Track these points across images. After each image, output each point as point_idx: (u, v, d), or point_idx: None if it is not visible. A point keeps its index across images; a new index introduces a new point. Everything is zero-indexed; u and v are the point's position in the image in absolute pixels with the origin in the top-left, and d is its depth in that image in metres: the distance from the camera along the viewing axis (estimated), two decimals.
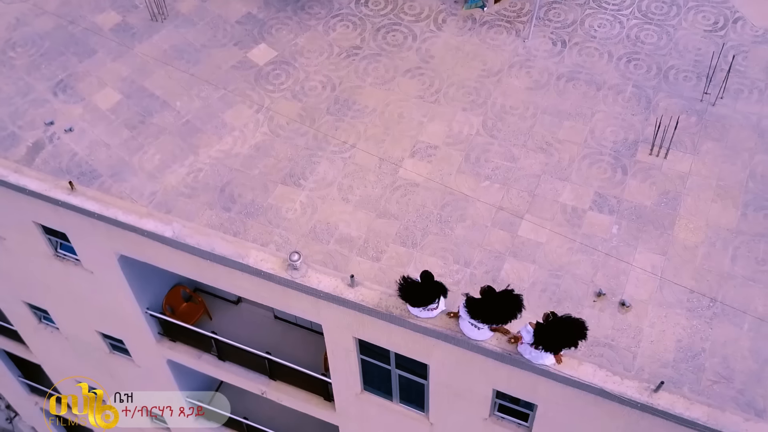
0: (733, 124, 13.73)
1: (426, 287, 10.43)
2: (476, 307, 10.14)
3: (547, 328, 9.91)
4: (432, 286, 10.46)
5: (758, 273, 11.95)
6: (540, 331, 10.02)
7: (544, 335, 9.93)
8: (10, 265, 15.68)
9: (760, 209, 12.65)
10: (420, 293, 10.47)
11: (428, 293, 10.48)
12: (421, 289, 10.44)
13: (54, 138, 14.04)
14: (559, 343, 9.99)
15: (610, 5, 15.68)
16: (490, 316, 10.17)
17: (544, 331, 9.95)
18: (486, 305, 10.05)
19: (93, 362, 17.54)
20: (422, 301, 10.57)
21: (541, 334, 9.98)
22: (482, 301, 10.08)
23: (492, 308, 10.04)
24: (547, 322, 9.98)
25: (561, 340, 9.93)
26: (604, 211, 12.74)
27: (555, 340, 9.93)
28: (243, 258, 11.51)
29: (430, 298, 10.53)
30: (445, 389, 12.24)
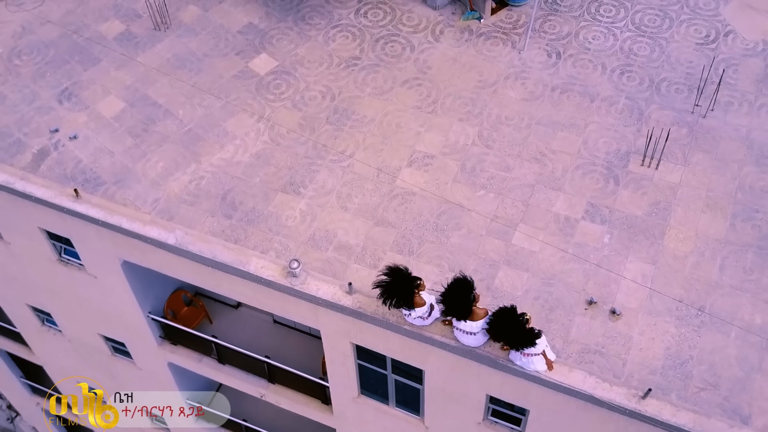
0: (723, 136, 14.06)
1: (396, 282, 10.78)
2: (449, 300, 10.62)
3: (500, 319, 10.35)
4: (400, 279, 10.80)
5: (745, 282, 12.28)
6: (493, 320, 10.44)
7: (495, 324, 10.38)
8: (14, 269, 15.98)
9: (748, 220, 12.98)
10: (394, 288, 10.80)
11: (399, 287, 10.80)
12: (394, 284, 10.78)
13: (59, 145, 14.35)
14: (501, 335, 10.45)
15: (605, 18, 16.01)
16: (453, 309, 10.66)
17: (496, 320, 10.38)
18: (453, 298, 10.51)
19: (95, 364, 17.83)
20: (401, 296, 10.92)
21: (493, 323, 10.41)
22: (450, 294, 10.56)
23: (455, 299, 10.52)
24: (506, 315, 10.38)
25: (505, 333, 10.36)
26: (596, 221, 13.07)
27: (499, 331, 10.36)
28: (244, 265, 11.82)
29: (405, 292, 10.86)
30: (440, 394, 12.55)
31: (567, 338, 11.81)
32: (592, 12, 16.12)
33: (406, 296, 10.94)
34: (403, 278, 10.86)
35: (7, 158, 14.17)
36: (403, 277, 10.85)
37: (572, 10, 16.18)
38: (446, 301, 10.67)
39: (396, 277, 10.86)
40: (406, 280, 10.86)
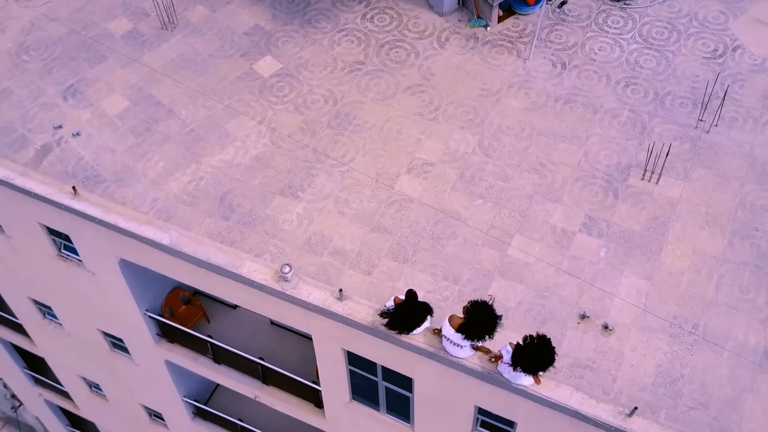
0: (725, 152, 13.94)
1: (412, 311, 10.74)
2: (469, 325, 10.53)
3: (525, 349, 10.19)
4: (417, 308, 10.77)
5: (741, 301, 12.17)
6: (518, 352, 10.30)
7: (522, 356, 10.21)
8: (16, 263, 16.12)
9: (747, 238, 12.86)
10: (407, 318, 10.78)
11: (415, 317, 10.79)
12: (408, 314, 10.74)
13: (62, 142, 14.46)
14: (536, 366, 10.27)
15: (612, 29, 15.91)
16: (471, 331, 10.52)
17: (522, 352, 10.23)
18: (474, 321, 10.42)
19: (94, 359, 17.96)
20: (410, 326, 10.90)
21: (519, 355, 10.26)
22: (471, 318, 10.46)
23: (474, 323, 10.40)
24: (525, 344, 10.24)
25: (537, 363, 10.22)
26: (593, 234, 13.00)
27: (532, 362, 10.21)
28: (237, 268, 11.86)
29: (417, 321, 10.85)
30: (430, 403, 12.54)
31: (558, 352, 11.59)
32: (600, 23, 16.03)
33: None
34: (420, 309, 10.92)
35: (10, 153, 14.29)
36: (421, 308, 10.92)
37: (580, 20, 16.09)
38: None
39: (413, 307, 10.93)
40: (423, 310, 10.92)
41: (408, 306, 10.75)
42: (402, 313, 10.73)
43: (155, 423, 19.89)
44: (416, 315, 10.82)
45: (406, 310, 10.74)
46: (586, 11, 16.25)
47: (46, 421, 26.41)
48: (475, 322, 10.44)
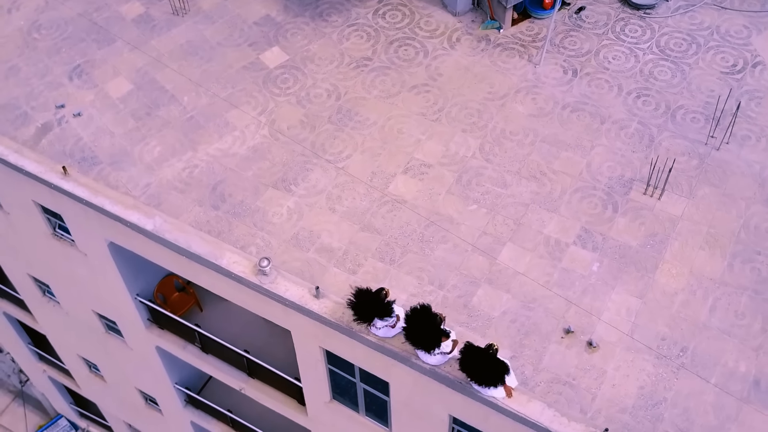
0: (734, 171, 13.44)
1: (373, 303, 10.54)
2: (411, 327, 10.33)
3: (468, 357, 9.98)
4: (379, 302, 10.55)
5: (735, 327, 11.70)
6: (463, 359, 10.09)
7: (467, 364, 10.02)
8: (15, 240, 16.22)
9: (748, 262, 12.37)
10: (367, 308, 10.58)
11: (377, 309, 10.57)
12: (370, 305, 10.55)
13: (62, 121, 14.47)
14: (481, 376, 10.05)
15: (629, 38, 15.45)
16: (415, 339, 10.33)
17: (467, 359, 10.02)
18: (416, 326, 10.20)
19: (91, 339, 18.01)
20: (370, 317, 10.68)
21: (464, 362, 10.06)
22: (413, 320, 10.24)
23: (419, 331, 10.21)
24: (467, 352, 10.03)
25: (481, 372, 10.00)
26: (587, 247, 12.61)
27: (476, 371, 10.01)
28: (217, 258, 11.73)
29: (378, 313, 10.62)
30: (406, 408, 12.28)
31: (538, 366, 11.41)
32: (617, 31, 15.59)
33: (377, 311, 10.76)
34: (368, 297, 10.68)
35: (12, 130, 14.34)
36: (368, 296, 10.68)
37: (596, 27, 15.67)
38: (409, 333, 10.42)
39: (362, 299, 10.71)
40: (372, 297, 10.67)
41: (369, 298, 10.57)
42: (364, 304, 10.54)
43: (151, 408, 19.90)
44: (379, 308, 10.58)
45: (365, 302, 10.54)
46: (604, 18, 15.82)
47: (51, 398, 26.67)
48: (414, 327, 10.24)
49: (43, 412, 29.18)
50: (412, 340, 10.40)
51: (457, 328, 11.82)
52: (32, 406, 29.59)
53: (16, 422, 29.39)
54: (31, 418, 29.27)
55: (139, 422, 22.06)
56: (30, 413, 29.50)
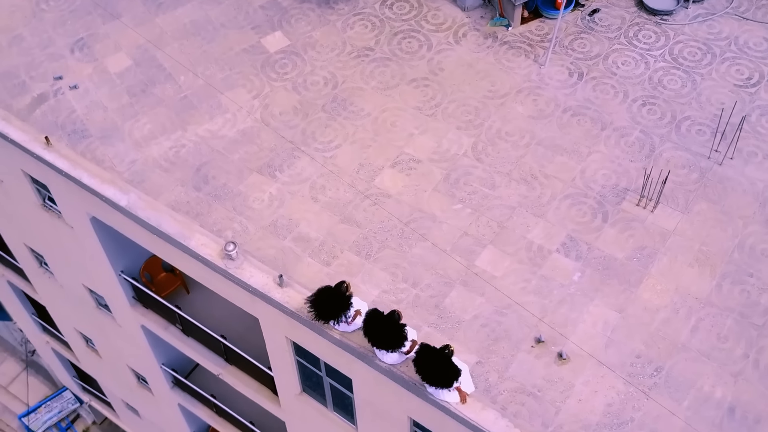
0: (735, 188, 12.84)
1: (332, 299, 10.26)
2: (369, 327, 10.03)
3: (421, 358, 9.65)
4: (338, 299, 10.27)
5: (715, 350, 11.15)
6: (420, 353, 9.76)
7: (419, 364, 9.69)
8: (9, 208, 16.30)
9: (738, 283, 11.79)
10: (326, 306, 10.31)
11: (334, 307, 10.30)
12: (328, 302, 10.28)
13: (58, 93, 14.46)
14: (431, 378, 9.71)
15: (642, 43, 14.89)
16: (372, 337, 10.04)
17: (420, 359, 9.69)
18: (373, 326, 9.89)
19: (85, 313, 18.04)
20: (327, 315, 10.41)
21: (420, 357, 9.73)
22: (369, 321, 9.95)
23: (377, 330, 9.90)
24: (421, 353, 9.70)
25: (431, 374, 9.66)
26: (570, 256, 12.15)
27: (426, 372, 9.67)
28: (185, 239, 11.56)
29: (335, 312, 10.34)
30: (369, 407, 11.97)
31: (504, 374, 11.01)
32: (630, 36, 15.04)
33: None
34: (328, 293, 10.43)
35: (8, 98, 14.37)
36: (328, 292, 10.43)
37: (609, 30, 15.14)
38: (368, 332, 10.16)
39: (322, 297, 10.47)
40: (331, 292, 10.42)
41: (330, 294, 10.29)
42: (324, 299, 10.27)
43: (142, 387, 19.91)
44: (336, 305, 10.29)
45: (326, 298, 10.28)
46: (618, 22, 15.28)
47: (56, 370, 26.93)
48: (373, 327, 10.05)
49: (51, 383, 29.52)
50: (372, 339, 10.10)
51: (425, 329, 11.49)
52: (42, 377, 29.95)
53: (23, 390, 29.77)
54: (40, 388, 29.63)
55: (133, 400, 22.10)
56: (40, 383, 29.86)
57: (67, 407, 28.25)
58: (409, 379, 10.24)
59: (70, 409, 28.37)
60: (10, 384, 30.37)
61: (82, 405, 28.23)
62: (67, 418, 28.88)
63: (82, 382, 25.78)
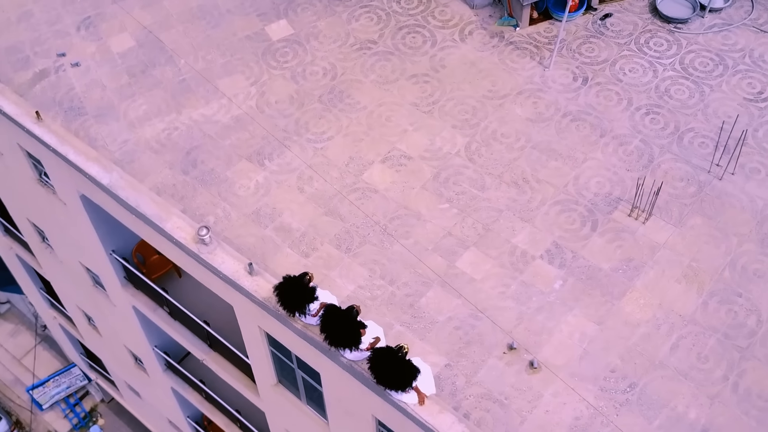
0: (734, 204, 12.39)
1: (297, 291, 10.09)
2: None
3: (376, 357, 9.45)
4: (303, 290, 10.11)
5: (694, 370, 10.75)
6: (375, 352, 9.56)
7: (374, 364, 9.48)
8: (10, 182, 16.45)
9: (726, 302, 11.36)
10: (292, 296, 10.15)
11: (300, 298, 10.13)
12: (295, 293, 10.11)
13: (60, 69, 14.53)
14: (386, 378, 9.49)
15: (652, 51, 14.47)
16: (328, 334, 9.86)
17: (375, 358, 9.48)
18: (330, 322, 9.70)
19: (83, 291, 18.15)
20: (293, 307, 10.24)
21: (375, 356, 9.53)
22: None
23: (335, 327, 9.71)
24: (377, 352, 9.51)
25: (388, 375, 9.43)
26: (554, 263, 11.83)
27: (381, 372, 9.45)
28: (162, 221, 11.49)
29: (300, 304, 10.17)
30: (337, 403, 11.79)
31: (472, 379, 10.75)
32: (641, 43, 14.62)
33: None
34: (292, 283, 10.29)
35: (10, 72, 14.48)
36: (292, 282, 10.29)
37: (619, 36, 14.74)
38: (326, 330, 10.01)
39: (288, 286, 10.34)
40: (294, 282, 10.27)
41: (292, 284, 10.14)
42: (286, 289, 10.13)
43: (139, 368, 19.98)
44: (298, 296, 10.13)
45: (288, 288, 10.13)
46: (630, 28, 14.87)
47: (64, 346, 27.22)
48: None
49: (63, 359, 29.84)
50: (327, 336, 9.93)
51: (397, 327, 11.28)
52: (56, 352, 30.29)
53: (38, 365, 30.17)
54: (52, 363, 29.96)
55: (132, 381, 22.22)
56: (52, 358, 30.18)
57: (75, 383, 28.51)
58: (369, 377, 10.04)
59: (78, 385, 28.64)
60: (24, 357, 30.82)
61: (90, 383, 28.49)
62: (75, 394, 29.15)
63: (88, 360, 25.98)
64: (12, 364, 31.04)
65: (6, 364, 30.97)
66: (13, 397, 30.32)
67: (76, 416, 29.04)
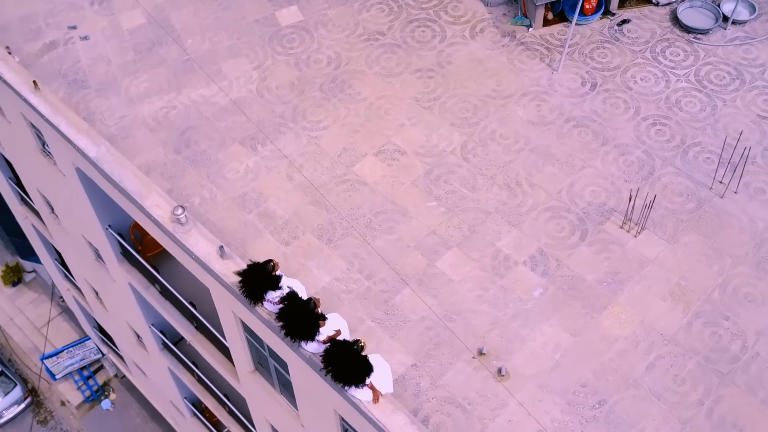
0: (732, 224, 11.89)
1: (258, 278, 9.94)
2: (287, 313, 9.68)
3: (332, 351, 9.23)
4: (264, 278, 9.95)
5: (668, 392, 10.33)
6: (332, 347, 9.34)
7: (329, 358, 9.26)
8: (19, 152, 16.62)
9: (711, 325, 10.89)
10: (253, 284, 10.01)
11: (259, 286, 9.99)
12: (255, 280, 9.97)
13: (69, 42, 14.62)
14: (339, 374, 9.27)
15: (666, 60, 13.98)
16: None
17: (333, 348, 9.27)
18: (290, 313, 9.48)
19: (88, 264, 18.27)
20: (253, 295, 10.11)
21: (330, 350, 9.31)
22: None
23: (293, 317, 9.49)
24: (332, 346, 9.29)
25: (341, 367, 9.22)
26: (536, 270, 11.49)
27: (335, 367, 9.23)
28: (141, 198, 11.44)
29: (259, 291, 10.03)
30: (304, 395, 11.61)
31: (437, 381, 10.49)
32: (657, 51, 14.13)
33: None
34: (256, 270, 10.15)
35: (21, 41, 14.63)
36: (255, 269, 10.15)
37: (635, 43, 14.27)
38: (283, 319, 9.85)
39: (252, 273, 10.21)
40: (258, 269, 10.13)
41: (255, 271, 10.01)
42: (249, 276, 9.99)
43: (140, 345, 20.07)
44: (259, 284, 9.98)
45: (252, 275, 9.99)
46: (647, 35, 14.39)
47: (78, 318, 27.52)
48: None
49: (81, 331, 30.23)
50: (285, 327, 9.77)
51: (368, 323, 11.08)
52: (75, 324, 30.69)
53: (57, 336, 30.63)
54: (70, 334, 30.37)
55: (136, 358, 22.35)
56: (71, 330, 30.59)
57: (89, 356, 28.80)
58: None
59: (92, 358, 28.92)
60: (44, 326, 31.33)
61: (104, 357, 28.78)
62: (89, 367, 29.48)
63: (101, 334, 26.22)
64: (32, 333, 31.57)
65: (27, 332, 31.53)
66: (30, 365, 30.82)
67: (89, 389, 29.36)
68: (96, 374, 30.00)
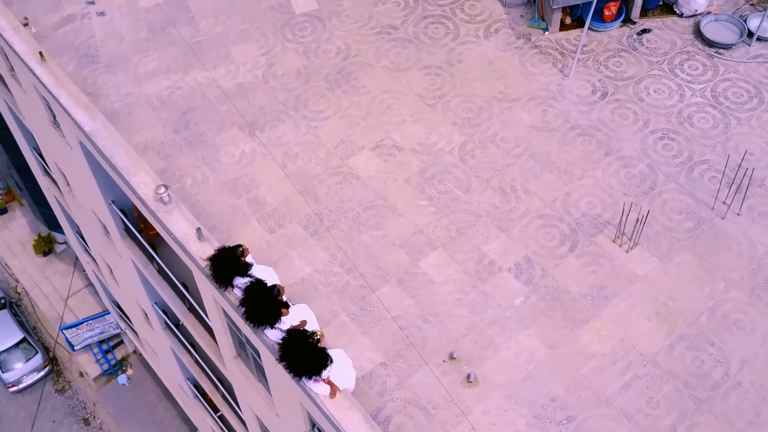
0: (731, 247, 11.43)
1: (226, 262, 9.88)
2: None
3: (294, 339, 9.11)
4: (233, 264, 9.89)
5: (641, 414, 9.97)
6: (288, 337, 9.22)
7: (285, 349, 9.14)
8: (35, 124, 16.86)
9: (694, 349, 10.49)
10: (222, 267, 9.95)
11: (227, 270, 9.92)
12: (222, 265, 9.91)
13: (86, 17, 14.77)
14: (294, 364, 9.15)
15: (684, 74, 13.52)
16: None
17: (290, 339, 9.15)
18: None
19: (98, 238, 18.49)
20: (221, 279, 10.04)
21: (287, 340, 9.20)
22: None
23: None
24: (289, 336, 9.16)
25: (296, 359, 9.09)
26: (520, 278, 11.21)
27: (290, 358, 9.11)
28: (129, 174, 11.47)
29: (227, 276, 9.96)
30: (276, 385, 11.51)
31: (404, 381, 10.30)
32: (675, 64, 13.68)
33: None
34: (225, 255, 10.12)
35: (40, 13, 14.82)
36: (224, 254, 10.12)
37: (653, 54, 13.84)
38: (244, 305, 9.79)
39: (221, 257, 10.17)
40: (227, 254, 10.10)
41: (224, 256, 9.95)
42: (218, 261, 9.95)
43: (148, 323, 20.25)
44: (227, 269, 9.92)
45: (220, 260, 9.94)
46: (666, 47, 13.94)
47: (99, 292, 27.91)
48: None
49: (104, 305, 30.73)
50: (246, 312, 9.68)
51: (342, 318, 10.94)
52: (99, 298, 31.20)
53: (81, 308, 31.17)
54: (94, 307, 30.87)
55: (146, 336, 22.57)
56: (96, 303, 31.11)
57: (108, 330, 29.21)
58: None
59: (110, 332, 29.33)
60: (70, 297, 31.90)
61: (123, 332, 29.15)
62: (108, 341, 29.91)
63: (118, 309, 26.54)
64: (58, 303, 32.17)
65: (52, 302, 32.15)
66: (53, 334, 31.43)
67: (107, 362, 29.78)
68: (115, 349, 30.40)
